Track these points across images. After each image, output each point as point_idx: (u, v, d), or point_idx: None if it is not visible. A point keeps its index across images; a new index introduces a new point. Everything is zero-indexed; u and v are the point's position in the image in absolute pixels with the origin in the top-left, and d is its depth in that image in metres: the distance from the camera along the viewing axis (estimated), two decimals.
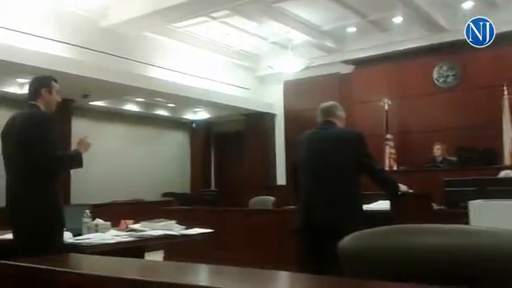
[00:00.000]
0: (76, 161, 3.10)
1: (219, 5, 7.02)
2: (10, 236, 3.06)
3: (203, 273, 1.57)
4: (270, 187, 9.18)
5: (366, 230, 1.30)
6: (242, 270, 1.47)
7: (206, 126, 11.99)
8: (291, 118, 10.29)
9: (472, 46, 7.97)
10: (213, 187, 11.53)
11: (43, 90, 3.06)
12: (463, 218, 2.97)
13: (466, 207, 3.15)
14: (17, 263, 1.53)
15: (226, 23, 8.48)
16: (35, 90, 3.08)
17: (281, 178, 10.29)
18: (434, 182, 5.09)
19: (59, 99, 3.18)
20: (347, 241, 1.29)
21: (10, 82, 7.79)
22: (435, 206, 4.35)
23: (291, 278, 1.48)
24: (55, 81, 3.17)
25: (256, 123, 10.72)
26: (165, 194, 10.58)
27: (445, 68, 8.67)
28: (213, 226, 3.82)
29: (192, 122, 11.82)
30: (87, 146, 3.16)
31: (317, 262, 3.09)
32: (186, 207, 7.68)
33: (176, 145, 11.69)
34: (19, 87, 7.83)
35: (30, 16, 6.74)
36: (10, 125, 3.06)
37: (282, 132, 10.63)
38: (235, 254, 5.71)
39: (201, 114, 11.43)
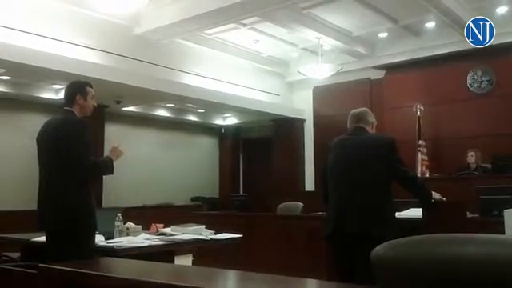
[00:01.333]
0: (107, 167, 3.14)
1: (249, 11, 7.04)
2: (42, 239, 3.13)
3: (231, 279, 1.57)
4: (299, 193, 9.13)
5: (400, 239, 1.28)
6: (270, 276, 1.47)
7: (235, 131, 12.04)
8: (320, 124, 10.23)
9: (507, 51, 7.84)
10: (241, 192, 11.55)
11: (78, 96, 3.12)
12: (498, 226, 2.89)
13: (500, 215, 3.07)
14: (54, 267, 1.56)
15: (256, 30, 8.51)
16: (70, 95, 3.14)
17: (309, 184, 10.24)
18: (468, 189, 4.96)
19: (95, 104, 3.24)
20: (381, 249, 1.27)
21: (46, 88, 8.01)
22: (469, 214, 4.25)
23: (320, 286, 1.47)
24: (90, 86, 3.23)
25: (285, 129, 10.71)
26: (194, 199, 10.67)
27: (479, 73, 8.48)
28: (242, 231, 3.83)
29: (221, 127, 11.89)
30: (119, 153, 3.22)
31: (347, 270, 3.05)
32: (215, 212, 7.72)
33: (205, 150, 11.78)
34: (54, 93, 8.05)
35: (64, 23, 6.91)
36: (45, 129, 3.14)
37: (311, 138, 10.58)
38: (264, 260, 5.70)
39: (230, 120, 11.49)
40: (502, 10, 7.55)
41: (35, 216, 3.04)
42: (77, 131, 3.00)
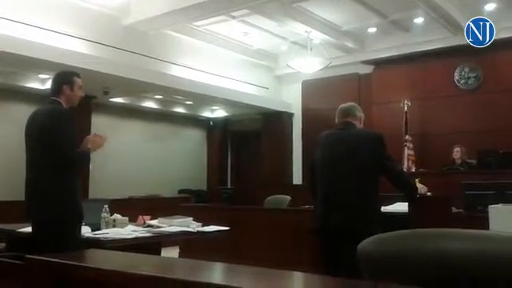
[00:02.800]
0: (86, 159, 3.09)
1: (239, 4, 7.01)
2: (28, 229, 3.11)
3: (218, 271, 1.58)
4: (286, 186, 9.16)
5: (386, 234, 1.29)
6: (257, 269, 1.47)
7: (224, 124, 12.03)
8: (309, 118, 10.26)
9: (495, 48, 7.90)
10: (229, 185, 11.56)
11: (65, 86, 3.09)
12: (483, 222, 2.93)
13: (484, 211, 3.11)
14: (41, 258, 1.55)
15: (245, 22, 8.48)
16: (57, 85, 3.12)
17: (297, 178, 10.28)
18: (453, 184, 5.02)
19: (82, 94, 3.21)
20: (367, 244, 1.28)
21: (32, 78, 7.92)
22: (454, 210, 4.30)
23: (307, 278, 1.48)
24: (78, 76, 3.19)
25: (273, 122, 10.72)
26: (181, 191, 10.66)
27: (466, 70, 8.55)
28: (229, 224, 3.83)
29: (209, 119, 11.87)
30: (96, 144, 3.12)
31: (334, 264, 3.08)
32: (203, 204, 7.72)
33: (193, 142, 11.76)
34: (41, 83, 7.96)
35: (52, 12, 6.82)
36: (33, 120, 3.11)
37: (299, 131, 10.60)
38: (250, 252, 5.72)
39: (218, 112, 11.47)
40: (490, 6, 7.60)
41: (21, 206, 3.02)
42: (62, 122, 2.97)
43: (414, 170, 7.91)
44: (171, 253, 6.25)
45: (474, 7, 7.39)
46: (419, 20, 8.25)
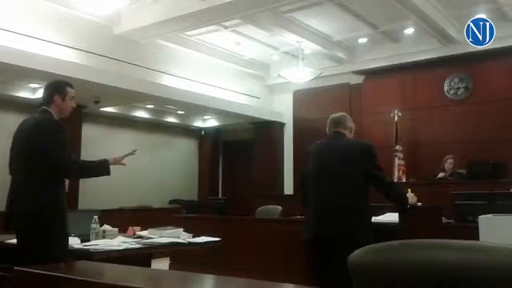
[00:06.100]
0: (102, 168, 3.12)
1: (231, 14, 7.04)
2: (14, 241, 3.07)
3: (208, 284, 1.57)
4: (278, 196, 9.15)
5: (376, 244, 1.29)
6: (247, 281, 1.47)
7: (215, 133, 12.01)
8: (300, 128, 10.27)
9: (484, 59, 8.00)
10: (220, 195, 11.52)
11: (56, 96, 3.07)
12: (473, 232, 2.95)
13: (475, 221, 3.12)
14: (31, 270, 1.54)
15: (237, 32, 8.52)
16: (48, 95, 3.09)
17: (288, 188, 10.26)
18: (443, 195, 5.04)
19: (74, 105, 3.19)
20: (358, 254, 1.28)
21: (23, 87, 7.86)
22: (444, 220, 4.31)
23: None
24: (71, 87, 3.17)
25: (265, 132, 10.72)
26: (172, 201, 10.59)
27: (456, 80, 8.62)
28: (220, 235, 3.81)
29: (201, 129, 11.85)
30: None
31: (325, 274, 3.07)
32: (194, 215, 7.67)
33: (184, 152, 11.72)
34: (31, 92, 7.91)
35: (42, 22, 6.81)
36: (21, 128, 3.08)
37: (290, 141, 10.61)
38: (242, 263, 5.69)
39: (210, 122, 11.46)
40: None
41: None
42: (52, 130, 2.95)
43: (404, 180, 7.94)
44: (161, 264, 6.21)
45: (463, 18, 7.45)
46: (409, 31, 8.33)
